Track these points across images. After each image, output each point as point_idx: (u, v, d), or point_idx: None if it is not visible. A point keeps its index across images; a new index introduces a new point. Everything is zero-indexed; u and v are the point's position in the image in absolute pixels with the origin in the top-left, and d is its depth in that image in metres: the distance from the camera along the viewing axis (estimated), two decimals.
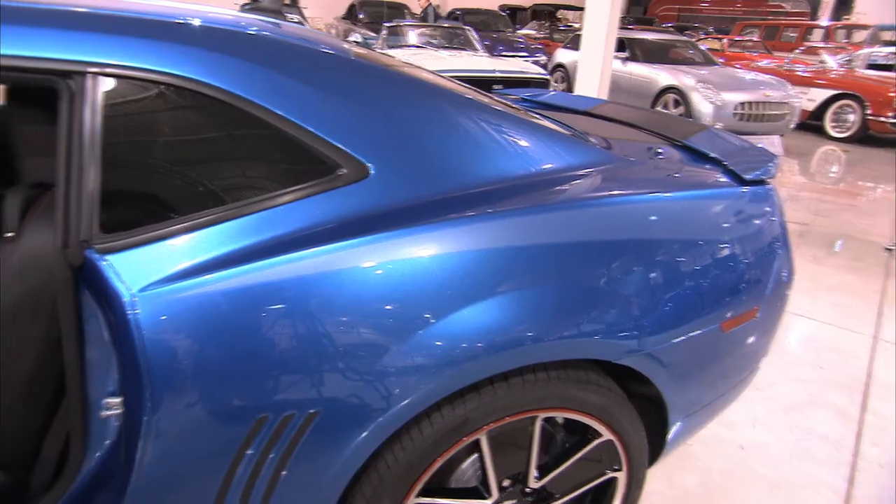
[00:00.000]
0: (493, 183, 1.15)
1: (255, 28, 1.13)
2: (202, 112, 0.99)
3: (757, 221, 1.37)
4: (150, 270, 0.90)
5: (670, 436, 1.37)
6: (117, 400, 0.93)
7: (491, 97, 1.43)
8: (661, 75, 7.55)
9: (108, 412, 0.94)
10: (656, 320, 1.17)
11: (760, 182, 1.42)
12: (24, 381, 1.02)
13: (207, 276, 0.91)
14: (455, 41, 7.99)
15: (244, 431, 0.94)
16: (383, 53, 1.54)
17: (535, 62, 8.21)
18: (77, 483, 0.97)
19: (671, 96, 7.38)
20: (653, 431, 1.38)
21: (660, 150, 1.55)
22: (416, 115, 1.13)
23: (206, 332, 0.90)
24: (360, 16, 12.12)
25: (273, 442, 0.95)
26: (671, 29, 13.99)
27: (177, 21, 1.05)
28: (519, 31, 12.24)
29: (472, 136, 1.18)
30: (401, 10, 12.37)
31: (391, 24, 8.13)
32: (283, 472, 0.98)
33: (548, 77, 6.55)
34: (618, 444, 1.29)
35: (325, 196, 1.01)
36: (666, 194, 1.25)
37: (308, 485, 1.01)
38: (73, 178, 0.89)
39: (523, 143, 1.25)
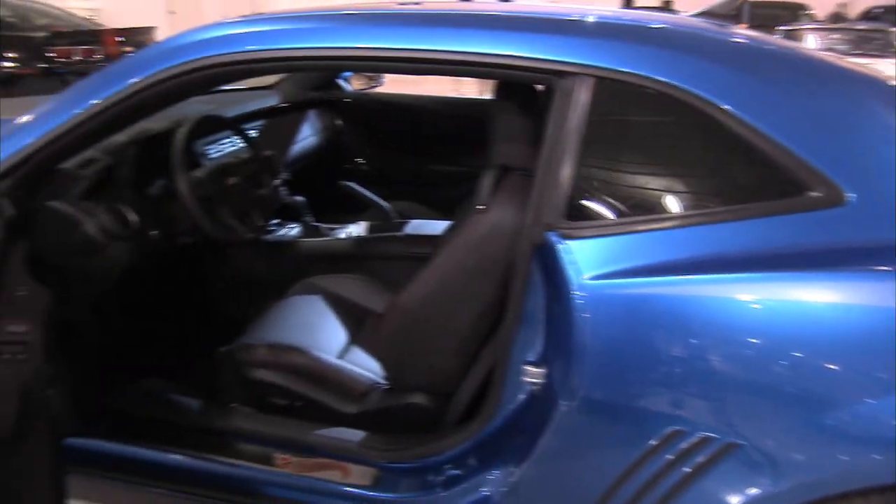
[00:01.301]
0: None
1: (724, 34, 1.09)
2: (671, 117, 0.99)
3: None
4: (599, 262, 0.95)
5: None
6: (538, 370, 1.02)
7: None
8: None
9: (527, 378, 1.03)
10: None
11: None
12: (465, 329, 1.21)
13: (651, 279, 0.92)
14: (868, 46, 6.70)
15: (652, 440, 0.93)
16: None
17: None
18: (489, 427, 1.11)
19: None
20: None
21: None
22: None
23: (640, 332, 0.92)
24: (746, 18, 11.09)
25: (678, 461, 0.92)
26: None
27: (648, 25, 1.08)
28: None
29: None
30: (795, 12, 10.91)
31: (787, 28, 7.25)
32: (672, 500, 0.94)
33: None
34: None
35: (789, 218, 0.92)
36: None
37: None
38: (552, 167, 0.99)
39: None
